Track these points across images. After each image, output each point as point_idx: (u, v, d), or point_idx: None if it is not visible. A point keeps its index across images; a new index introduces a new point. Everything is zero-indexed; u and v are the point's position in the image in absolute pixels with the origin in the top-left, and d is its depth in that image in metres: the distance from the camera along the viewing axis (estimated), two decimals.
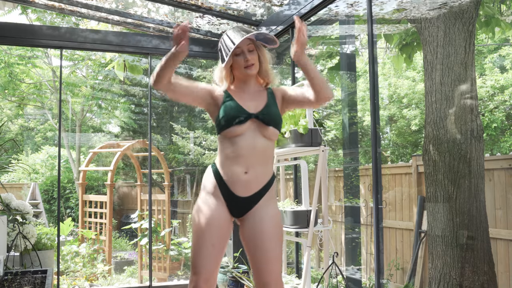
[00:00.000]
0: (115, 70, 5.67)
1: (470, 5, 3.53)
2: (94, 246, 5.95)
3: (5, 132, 9.48)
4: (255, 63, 2.06)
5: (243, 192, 2.03)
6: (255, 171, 2.02)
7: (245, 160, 2.01)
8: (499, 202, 3.57)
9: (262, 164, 2.04)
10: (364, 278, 4.86)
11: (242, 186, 2.03)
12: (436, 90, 3.63)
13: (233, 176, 2.02)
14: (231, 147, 2.03)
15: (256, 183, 2.04)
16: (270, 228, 2.05)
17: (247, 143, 2.01)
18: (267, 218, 2.05)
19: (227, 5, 3.95)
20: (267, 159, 2.07)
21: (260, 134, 2.03)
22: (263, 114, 2.04)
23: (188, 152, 8.08)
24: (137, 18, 4.22)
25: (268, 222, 2.05)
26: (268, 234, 2.04)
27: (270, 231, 2.05)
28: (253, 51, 2.07)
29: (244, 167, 2.01)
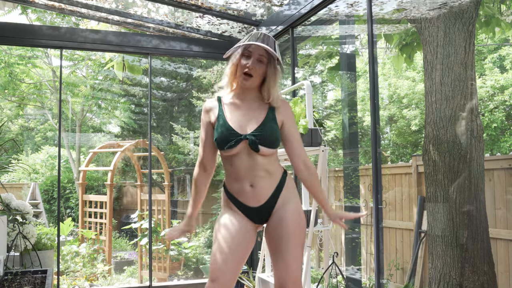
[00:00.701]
0: (114, 70, 5.67)
1: (470, 5, 3.53)
2: (94, 246, 5.96)
3: (5, 132, 9.48)
4: (255, 76, 1.96)
5: (254, 203, 2.02)
6: (259, 184, 2.00)
7: (247, 176, 1.99)
8: (499, 202, 3.57)
9: (265, 177, 2.00)
10: (364, 278, 4.86)
11: (251, 198, 2.01)
12: (436, 90, 3.63)
13: (240, 191, 2.02)
14: (230, 166, 2.03)
15: (265, 192, 2.01)
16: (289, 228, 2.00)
17: (244, 162, 1.98)
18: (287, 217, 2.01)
19: (227, 5, 3.95)
20: (270, 172, 2.02)
21: (254, 153, 1.98)
22: (254, 136, 1.95)
23: (188, 152, 8.08)
24: (137, 18, 4.22)
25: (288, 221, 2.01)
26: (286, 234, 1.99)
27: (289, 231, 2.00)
28: (262, 63, 1.96)
29: (248, 181, 2.00)
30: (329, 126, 7.17)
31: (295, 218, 2.02)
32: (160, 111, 9.26)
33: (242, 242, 2.01)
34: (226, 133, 1.96)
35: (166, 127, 9.01)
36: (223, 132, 1.97)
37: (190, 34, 4.48)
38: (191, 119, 8.97)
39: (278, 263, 2.01)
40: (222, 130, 1.97)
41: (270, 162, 2.02)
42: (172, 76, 9.02)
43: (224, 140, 1.96)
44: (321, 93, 8.39)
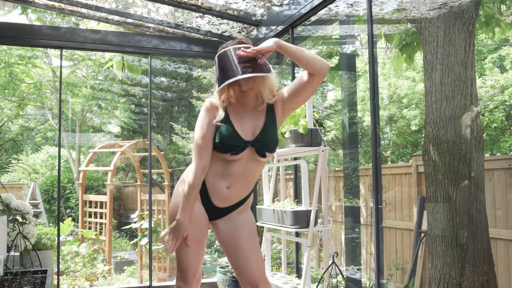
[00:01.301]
0: (113, 70, 5.67)
1: (470, 5, 3.53)
2: (94, 246, 5.96)
3: (5, 132, 9.48)
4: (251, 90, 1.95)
5: (221, 203, 2.10)
6: (237, 188, 2.07)
7: (232, 179, 2.05)
8: (499, 202, 3.57)
9: (246, 184, 2.09)
10: (364, 278, 4.86)
11: (222, 199, 2.09)
12: (436, 90, 3.63)
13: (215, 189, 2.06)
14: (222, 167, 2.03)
15: (235, 197, 2.10)
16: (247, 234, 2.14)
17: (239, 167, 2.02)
18: (241, 221, 2.15)
19: (227, 5, 3.95)
20: (253, 181, 2.12)
21: (253, 159, 2.02)
22: (259, 142, 1.97)
23: (188, 152, 8.08)
24: (137, 18, 4.22)
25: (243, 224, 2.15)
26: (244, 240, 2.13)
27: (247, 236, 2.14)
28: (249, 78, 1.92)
29: (228, 183, 2.05)
30: (329, 126, 7.17)
31: (251, 222, 2.18)
32: (160, 111, 9.26)
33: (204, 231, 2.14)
34: (232, 137, 1.96)
35: (166, 127, 9.01)
36: (229, 136, 1.96)
37: (190, 34, 4.48)
38: (191, 119, 8.97)
39: (246, 263, 2.11)
40: (228, 135, 1.96)
41: (257, 172, 2.11)
42: (172, 76, 9.03)
43: (231, 145, 1.95)
44: (321, 93, 8.39)
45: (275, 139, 2.03)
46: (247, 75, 1.82)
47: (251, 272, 2.10)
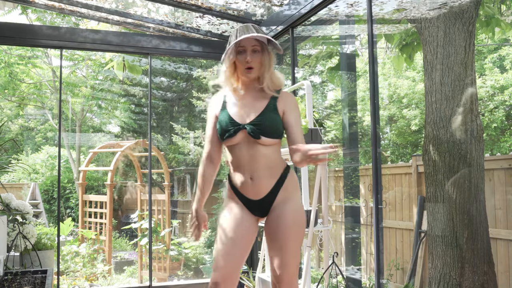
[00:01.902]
0: (114, 70, 5.67)
1: (470, 5, 3.53)
2: (94, 246, 5.95)
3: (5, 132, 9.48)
4: (256, 67, 1.99)
5: (254, 196, 2.04)
6: (259, 176, 2.00)
7: (248, 167, 2.01)
8: (499, 202, 3.57)
9: (266, 169, 2.01)
10: (364, 278, 4.86)
11: (251, 191, 2.04)
12: (436, 90, 3.63)
13: (241, 183, 2.05)
14: (232, 157, 2.07)
15: (264, 187, 2.02)
16: (287, 226, 2.01)
17: (244, 152, 2.01)
18: (285, 215, 2.02)
19: (227, 5, 3.95)
20: (271, 164, 2.03)
21: (256, 143, 1.99)
22: (253, 124, 1.97)
23: (188, 152, 8.08)
24: (137, 18, 4.22)
25: (286, 219, 2.01)
26: (284, 231, 2.00)
27: (287, 228, 2.00)
28: (257, 52, 2.00)
29: (248, 173, 2.02)
30: (329, 126, 7.17)
31: (294, 216, 2.03)
32: (160, 111, 9.26)
33: (244, 233, 2.04)
34: (226, 123, 2.01)
35: (166, 127, 9.01)
36: (223, 122, 2.03)
37: (190, 34, 4.48)
38: (191, 119, 8.97)
39: (274, 259, 2.03)
40: (223, 120, 2.03)
41: (271, 154, 2.02)
42: (172, 76, 9.03)
43: (224, 129, 2.01)
44: (321, 93, 8.40)
45: (274, 123, 1.99)
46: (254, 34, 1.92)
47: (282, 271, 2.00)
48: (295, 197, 2.07)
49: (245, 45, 1.99)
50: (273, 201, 2.04)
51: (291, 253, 2.01)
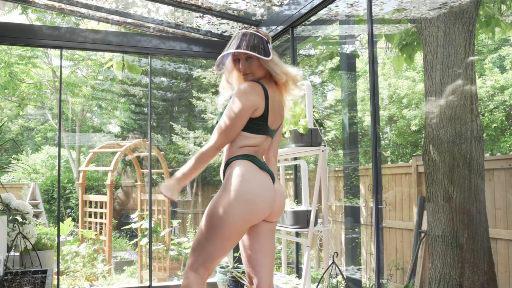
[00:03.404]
0: (114, 70, 5.67)
1: (470, 5, 3.53)
2: (94, 246, 5.95)
3: (5, 132, 9.48)
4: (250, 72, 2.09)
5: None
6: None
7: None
8: (499, 202, 3.57)
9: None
10: (364, 278, 4.86)
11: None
12: (436, 90, 3.63)
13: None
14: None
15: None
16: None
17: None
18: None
19: (227, 5, 3.95)
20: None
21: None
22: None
23: (188, 152, 8.08)
24: (137, 18, 4.22)
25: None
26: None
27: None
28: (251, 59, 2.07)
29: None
30: (329, 126, 7.17)
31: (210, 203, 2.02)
32: (160, 111, 9.27)
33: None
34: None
35: (166, 127, 9.01)
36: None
37: (190, 34, 4.48)
38: (191, 119, 8.97)
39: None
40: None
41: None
42: (172, 76, 9.03)
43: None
44: (321, 93, 8.40)
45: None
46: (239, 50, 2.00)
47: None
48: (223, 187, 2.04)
49: (238, 55, 2.10)
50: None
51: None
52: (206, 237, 1.97)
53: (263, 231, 2.10)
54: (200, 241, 1.99)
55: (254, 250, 2.09)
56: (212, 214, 1.97)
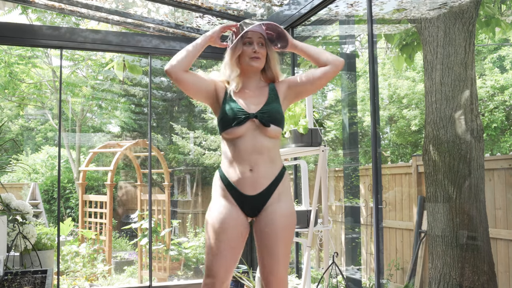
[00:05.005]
0: (114, 70, 5.68)
1: (470, 5, 3.53)
2: (94, 246, 5.95)
3: (5, 132, 9.48)
4: (262, 58, 2.06)
5: (250, 190, 1.99)
6: (259, 169, 1.98)
7: (249, 160, 1.98)
8: (499, 202, 3.57)
9: (267, 162, 2.00)
10: (364, 278, 4.86)
11: (249, 185, 1.99)
12: (436, 90, 3.63)
13: (238, 175, 1.99)
14: (233, 150, 2.00)
15: (263, 180, 1.99)
16: (279, 228, 1.99)
17: (248, 144, 1.98)
18: (278, 216, 2.00)
19: (227, 5, 3.95)
20: (273, 158, 2.02)
21: (261, 134, 1.99)
22: (262, 113, 1.99)
23: (188, 152, 8.08)
24: (137, 18, 4.22)
25: (278, 221, 1.99)
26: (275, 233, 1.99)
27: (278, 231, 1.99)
28: (263, 46, 2.07)
29: (248, 165, 1.98)
30: (329, 126, 7.17)
31: (286, 218, 2.02)
32: (160, 111, 9.27)
33: (237, 234, 2.00)
34: (234, 111, 1.99)
35: (166, 127, 9.01)
36: (231, 109, 2.00)
37: (190, 34, 4.48)
38: (191, 119, 8.97)
39: (264, 264, 2.02)
40: (231, 107, 2.01)
41: (274, 147, 2.04)
42: None
43: (233, 117, 1.98)
44: (321, 93, 8.40)
45: (279, 111, 2.04)
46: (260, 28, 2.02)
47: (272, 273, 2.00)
48: (288, 198, 2.07)
49: (251, 37, 2.04)
50: (268, 198, 2.01)
51: (281, 258, 2.00)
52: (290, 247, 2.09)
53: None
54: (289, 251, 2.07)
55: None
56: (294, 226, 2.09)
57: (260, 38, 2.06)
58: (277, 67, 2.11)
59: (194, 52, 2.03)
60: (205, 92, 2.07)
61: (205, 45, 2.07)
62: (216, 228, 1.98)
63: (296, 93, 2.12)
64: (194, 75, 2.04)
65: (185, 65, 2.00)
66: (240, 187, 2.00)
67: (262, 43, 2.06)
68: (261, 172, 1.98)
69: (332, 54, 2.08)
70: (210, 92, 2.08)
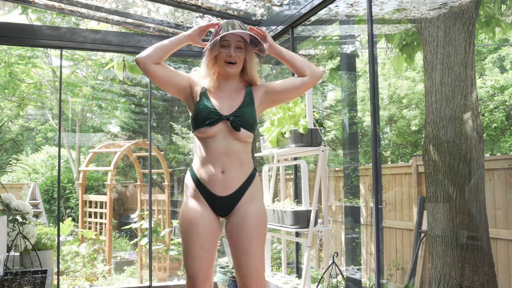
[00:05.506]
0: (114, 70, 5.68)
1: (470, 5, 3.53)
2: (94, 246, 5.96)
3: (5, 132, 9.48)
4: (238, 62, 2.03)
5: (222, 191, 2.01)
6: (230, 171, 2.00)
7: (220, 161, 1.99)
8: (499, 202, 3.57)
9: (238, 165, 2.02)
10: (364, 278, 4.86)
11: (220, 186, 2.00)
12: (436, 90, 3.63)
13: (210, 176, 2.00)
14: (205, 150, 2.02)
15: (235, 182, 2.01)
16: (251, 227, 2.01)
17: (220, 145, 1.99)
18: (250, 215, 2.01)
19: (227, 5, 3.95)
20: (244, 161, 2.04)
21: (232, 137, 1.99)
22: (235, 116, 1.99)
23: (188, 152, 8.08)
24: (137, 18, 4.22)
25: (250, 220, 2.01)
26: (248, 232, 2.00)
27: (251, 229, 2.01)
28: (241, 49, 2.03)
29: (220, 167, 2.00)
30: (329, 126, 7.17)
31: (258, 217, 2.04)
32: (160, 111, 9.27)
33: (210, 235, 2.02)
34: (207, 111, 1.99)
35: (166, 127, 9.01)
36: (205, 108, 2.00)
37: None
38: None
39: (240, 265, 2.03)
40: (205, 106, 2.00)
41: (245, 150, 2.04)
42: None
43: (205, 117, 1.98)
44: (321, 93, 8.40)
45: (252, 116, 2.03)
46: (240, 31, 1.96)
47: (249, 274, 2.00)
48: (259, 198, 2.09)
49: (229, 40, 2.01)
50: (240, 199, 2.03)
51: (257, 257, 2.02)
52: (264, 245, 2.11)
53: None
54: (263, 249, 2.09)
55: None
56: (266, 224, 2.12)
57: (239, 41, 2.02)
58: (253, 71, 2.08)
59: (168, 47, 2.03)
60: (175, 86, 2.06)
61: (182, 43, 2.06)
62: (188, 230, 2.00)
63: (273, 100, 2.13)
64: (165, 68, 2.03)
65: (156, 57, 2.00)
66: (211, 187, 2.01)
67: (241, 46, 2.02)
68: (232, 174, 2.00)
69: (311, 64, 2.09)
70: (182, 87, 2.07)
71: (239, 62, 2.03)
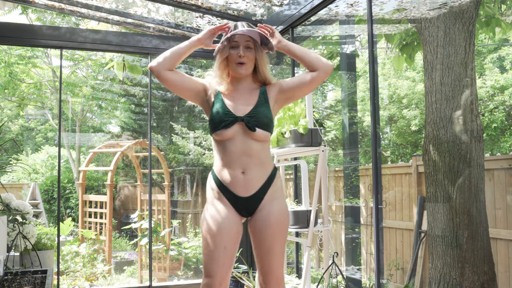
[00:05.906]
0: (114, 70, 5.67)
1: (470, 5, 3.53)
2: (94, 246, 5.95)
3: (5, 132, 9.48)
4: (248, 63, 2.04)
5: (243, 192, 2.03)
6: (251, 172, 2.02)
7: (240, 162, 2.01)
8: (499, 202, 3.57)
9: (258, 165, 2.03)
10: (364, 278, 4.86)
11: (242, 186, 2.02)
12: (436, 90, 3.63)
13: (231, 178, 2.02)
14: (223, 152, 2.04)
15: (256, 182, 2.03)
16: (274, 226, 2.03)
17: (238, 147, 2.00)
18: (273, 215, 2.04)
19: (227, 5, 3.95)
20: (263, 160, 2.05)
21: (249, 137, 2.01)
22: (249, 117, 2.00)
23: (188, 152, 8.08)
24: (137, 18, 4.22)
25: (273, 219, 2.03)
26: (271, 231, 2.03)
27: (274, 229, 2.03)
28: (251, 49, 2.04)
29: (240, 168, 2.01)
30: (329, 126, 7.17)
31: (281, 216, 2.06)
32: (160, 111, 9.26)
33: (232, 235, 2.03)
34: (222, 113, 2.01)
35: (166, 127, 9.01)
36: (219, 112, 2.01)
37: (190, 34, 4.48)
38: (191, 119, 8.97)
39: (262, 263, 2.06)
40: (219, 109, 2.02)
41: (263, 150, 2.06)
42: None
43: (221, 120, 2.00)
44: (321, 93, 8.40)
45: (267, 116, 2.04)
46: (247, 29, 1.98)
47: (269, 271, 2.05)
48: (281, 198, 2.10)
49: (238, 41, 2.03)
50: (262, 199, 2.05)
51: (278, 256, 2.05)
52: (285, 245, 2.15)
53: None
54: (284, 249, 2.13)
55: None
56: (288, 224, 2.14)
57: (248, 41, 2.03)
58: (265, 70, 2.09)
59: (180, 53, 2.06)
60: (190, 91, 2.09)
61: (193, 47, 2.09)
62: (212, 230, 2.01)
63: (287, 97, 2.14)
64: (179, 74, 2.05)
65: (169, 64, 2.03)
66: (233, 188, 2.03)
67: (250, 46, 2.04)
68: (253, 174, 2.02)
69: (322, 58, 2.09)
70: (197, 92, 2.09)
71: (249, 62, 2.05)
